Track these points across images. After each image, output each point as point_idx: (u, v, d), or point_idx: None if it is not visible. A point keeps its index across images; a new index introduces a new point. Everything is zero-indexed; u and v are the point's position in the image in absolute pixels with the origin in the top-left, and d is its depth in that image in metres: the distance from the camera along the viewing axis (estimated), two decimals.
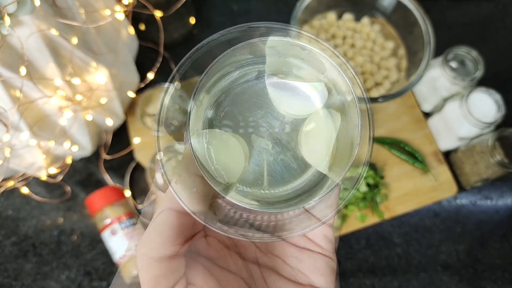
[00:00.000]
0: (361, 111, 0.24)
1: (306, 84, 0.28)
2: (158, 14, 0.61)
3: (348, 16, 0.75)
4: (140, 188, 0.70)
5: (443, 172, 0.73)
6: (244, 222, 0.26)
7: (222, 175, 0.27)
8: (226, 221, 0.27)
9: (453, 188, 0.72)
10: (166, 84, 0.25)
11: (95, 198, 0.64)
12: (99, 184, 0.70)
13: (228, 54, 0.25)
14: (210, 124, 0.28)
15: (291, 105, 0.28)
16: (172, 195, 0.23)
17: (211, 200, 0.25)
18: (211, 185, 0.23)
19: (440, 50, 0.69)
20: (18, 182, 0.61)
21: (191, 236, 0.22)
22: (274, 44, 0.26)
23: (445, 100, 0.70)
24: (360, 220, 0.67)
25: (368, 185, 0.68)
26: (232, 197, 0.23)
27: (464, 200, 0.73)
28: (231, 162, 0.27)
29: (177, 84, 0.25)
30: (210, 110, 0.28)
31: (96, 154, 0.70)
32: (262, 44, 0.26)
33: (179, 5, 0.64)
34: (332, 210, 0.26)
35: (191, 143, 0.24)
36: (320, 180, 0.27)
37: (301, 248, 0.26)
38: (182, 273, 0.21)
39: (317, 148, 0.28)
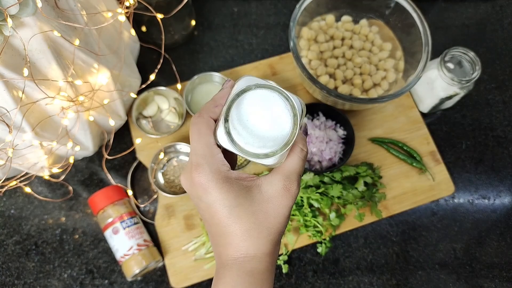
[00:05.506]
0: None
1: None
2: (159, 16, 0.62)
3: (346, 18, 0.76)
4: (141, 187, 0.71)
5: (440, 171, 0.73)
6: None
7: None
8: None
9: (450, 187, 0.73)
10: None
11: (97, 198, 0.65)
12: (101, 183, 0.71)
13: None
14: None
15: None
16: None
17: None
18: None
19: (437, 51, 0.69)
20: (20, 181, 0.61)
21: None
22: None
23: (443, 100, 0.71)
24: (358, 219, 0.68)
25: (366, 184, 0.68)
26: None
27: (462, 199, 0.74)
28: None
29: None
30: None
31: (98, 154, 0.70)
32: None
33: (180, 7, 0.65)
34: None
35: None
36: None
37: None
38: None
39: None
